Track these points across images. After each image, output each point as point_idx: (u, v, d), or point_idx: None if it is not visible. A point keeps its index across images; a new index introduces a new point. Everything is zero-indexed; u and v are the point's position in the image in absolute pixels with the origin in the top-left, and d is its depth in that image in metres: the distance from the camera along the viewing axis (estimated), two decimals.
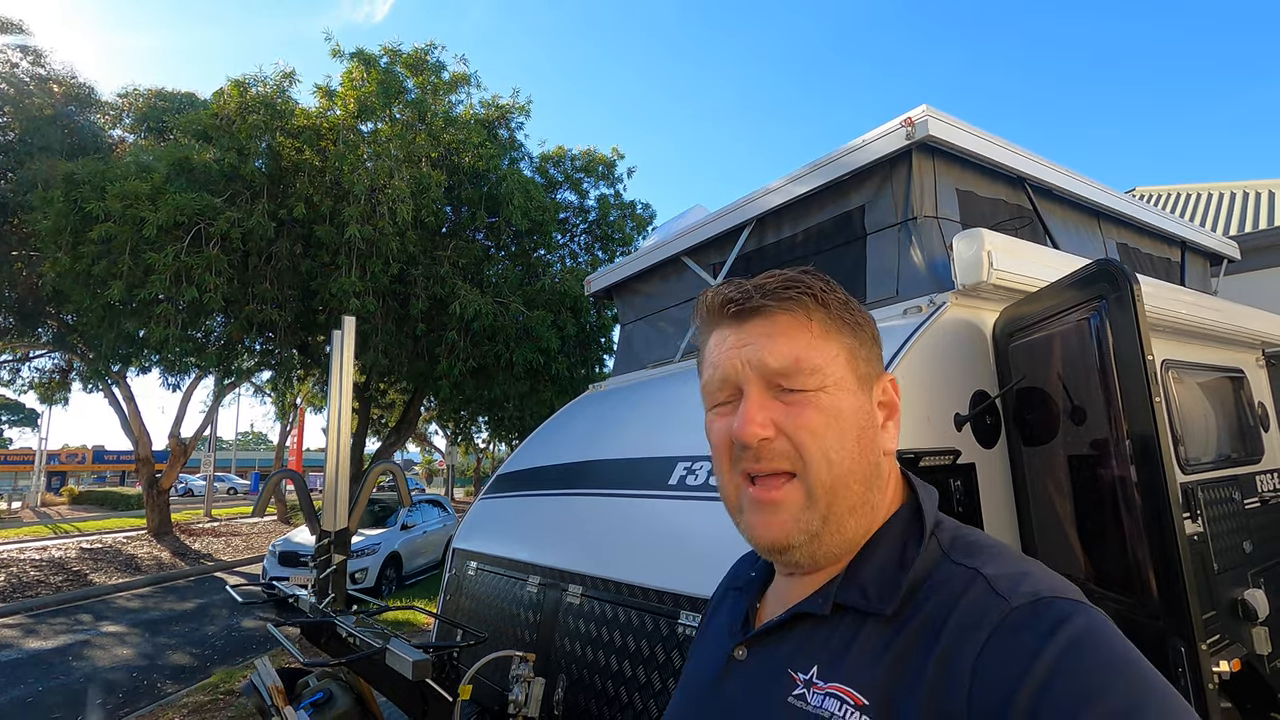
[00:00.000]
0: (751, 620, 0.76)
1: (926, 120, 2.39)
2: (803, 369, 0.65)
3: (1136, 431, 1.67)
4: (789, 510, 0.65)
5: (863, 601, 0.64)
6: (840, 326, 0.69)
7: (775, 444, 0.65)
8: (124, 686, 6.42)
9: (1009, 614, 0.55)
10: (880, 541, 0.69)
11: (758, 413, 0.65)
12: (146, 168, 7.67)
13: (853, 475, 0.65)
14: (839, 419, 0.65)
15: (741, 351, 0.68)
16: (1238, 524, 2.90)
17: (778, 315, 0.68)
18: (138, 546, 14.69)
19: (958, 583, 0.60)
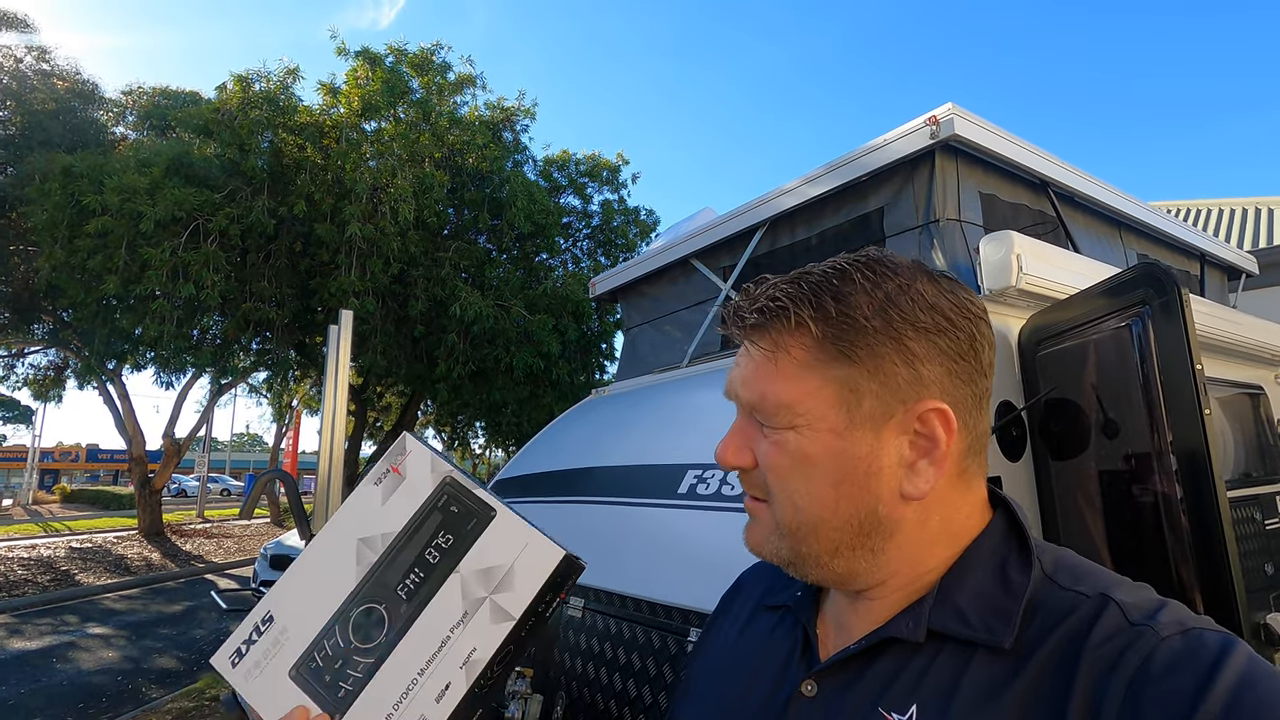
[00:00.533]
0: (814, 647, 0.66)
1: (952, 119, 2.31)
2: (765, 406, 0.60)
3: (1183, 446, 1.57)
4: (761, 527, 0.63)
5: (966, 630, 0.55)
6: (834, 357, 0.57)
7: (754, 474, 0.62)
8: (108, 690, 6.29)
9: (1157, 647, 0.47)
10: (972, 563, 0.59)
11: (733, 439, 0.63)
12: (146, 162, 7.58)
13: (824, 524, 0.58)
14: (805, 464, 0.58)
15: (733, 374, 0.65)
16: (1259, 545, 2.81)
17: (750, 345, 0.62)
18: (128, 547, 14.53)
19: (1085, 611, 0.52)
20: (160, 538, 15.67)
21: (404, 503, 0.74)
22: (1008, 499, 0.63)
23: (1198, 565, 1.53)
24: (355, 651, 0.68)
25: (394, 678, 0.67)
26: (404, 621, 0.69)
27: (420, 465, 0.75)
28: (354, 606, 0.70)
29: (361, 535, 0.73)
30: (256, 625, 0.71)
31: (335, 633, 0.69)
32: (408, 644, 0.68)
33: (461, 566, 0.70)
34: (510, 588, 0.69)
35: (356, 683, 0.67)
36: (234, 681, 0.69)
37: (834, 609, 0.67)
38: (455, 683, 0.66)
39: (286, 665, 0.69)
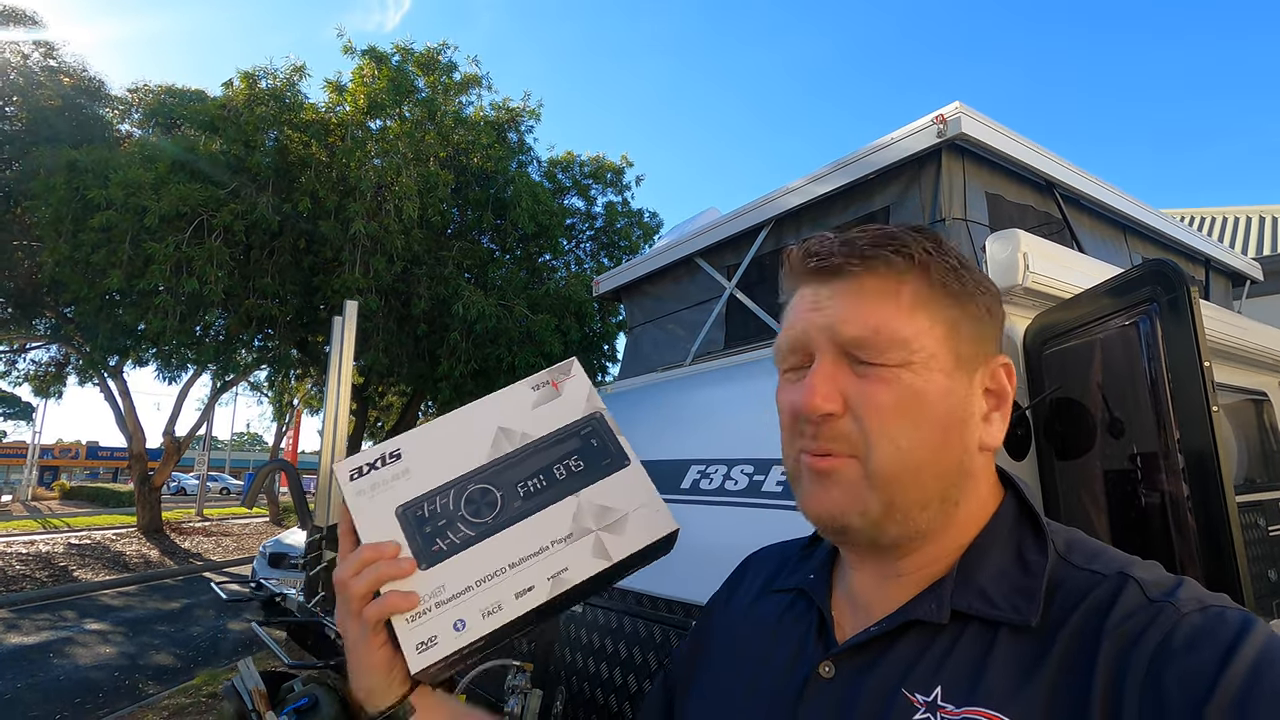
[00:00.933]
0: (830, 629, 0.65)
1: (960, 118, 2.30)
2: (881, 341, 0.56)
3: (1190, 445, 1.56)
4: (843, 485, 0.57)
5: (991, 610, 0.55)
6: (941, 296, 0.59)
7: (839, 423, 0.57)
8: (104, 686, 6.28)
9: (1178, 623, 0.47)
10: (990, 541, 0.59)
11: (824, 383, 0.57)
12: (151, 157, 7.59)
13: (926, 469, 0.56)
14: (919, 402, 0.56)
15: (817, 314, 0.59)
16: (1263, 551, 2.80)
17: (862, 277, 0.58)
18: (126, 544, 14.51)
19: (1104, 588, 0.52)
20: (159, 535, 15.65)
21: (551, 415, 0.76)
22: (1016, 479, 0.63)
23: (1204, 565, 1.52)
24: (461, 520, 0.70)
25: (487, 558, 0.69)
26: (514, 515, 0.71)
27: (577, 391, 0.78)
28: (474, 482, 0.72)
29: (503, 425, 0.75)
30: (384, 455, 0.73)
31: (450, 495, 0.72)
32: (510, 535, 0.70)
33: (583, 494, 0.72)
34: (619, 533, 0.71)
35: (451, 546, 0.69)
36: (345, 493, 0.72)
37: (848, 591, 0.66)
38: (538, 588, 0.68)
39: (397, 501, 0.71)
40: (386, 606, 0.65)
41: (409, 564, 0.67)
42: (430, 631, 0.65)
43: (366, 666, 0.67)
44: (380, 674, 0.67)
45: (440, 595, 0.67)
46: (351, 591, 0.66)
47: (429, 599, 0.66)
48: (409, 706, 0.70)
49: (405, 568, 0.66)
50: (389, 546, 0.67)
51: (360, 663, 0.67)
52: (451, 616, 0.66)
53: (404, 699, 0.69)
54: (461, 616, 0.66)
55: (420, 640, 0.65)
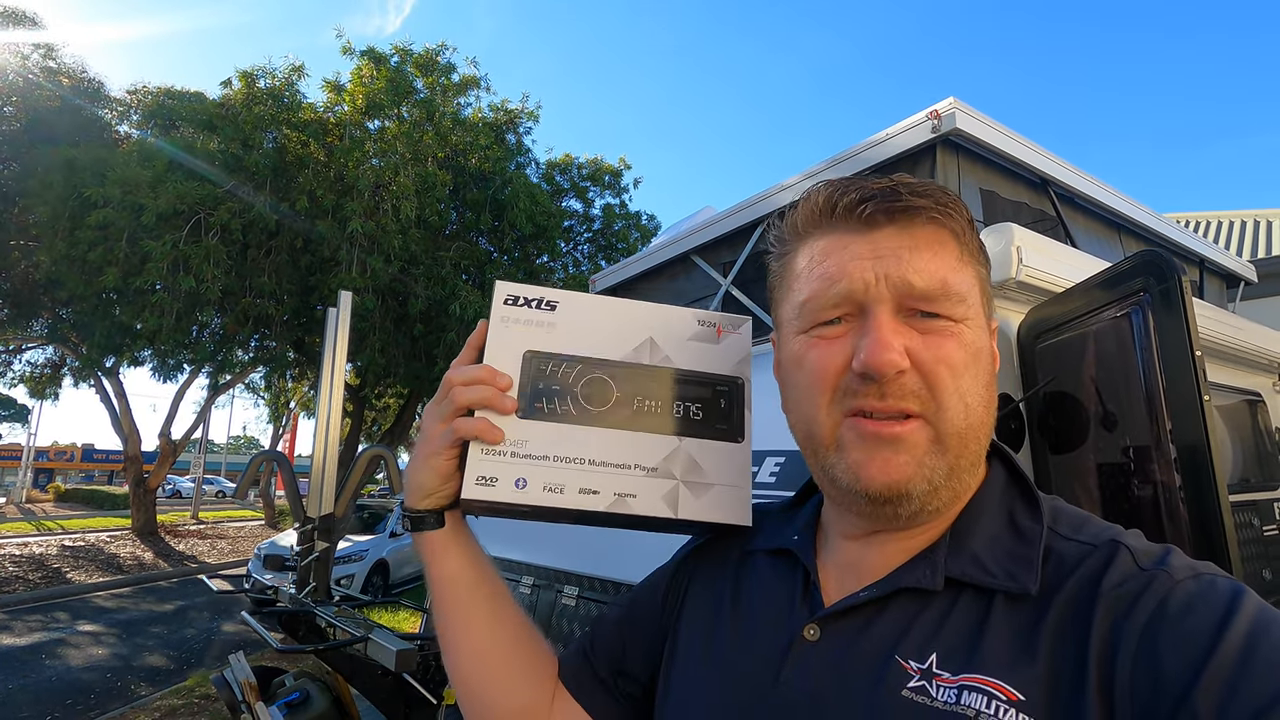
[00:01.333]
0: (816, 591, 0.63)
1: (954, 113, 2.31)
2: (950, 294, 0.55)
3: (1182, 435, 1.56)
4: (913, 450, 0.54)
5: (987, 578, 0.54)
6: (978, 254, 0.60)
7: (907, 379, 0.54)
8: (96, 687, 6.24)
9: (1173, 589, 0.47)
10: (983, 510, 0.59)
11: (894, 338, 0.53)
12: (149, 156, 7.57)
13: (983, 426, 0.57)
14: (978, 359, 0.56)
15: (876, 263, 0.55)
16: (1257, 550, 2.79)
17: (923, 225, 0.56)
18: (120, 546, 14.46)
19: (1097, 557, 0.52)
20: (154, 537, 15.59)
21: (700, 356, 0.74)
22: (1004, 447, 0.63)
23: (1197, 555, 1.52)
24: (572, 396, 0.70)
25: (576, 442, 0.69)
26: (619, 420, 0.70)
27: (735, 350, 0.76)
28: (602, 370, 0.72)
29: (655, 338, 0.74)
30: (544, 299, 0.74)
31: (576, 369, 0.71)
32: (605, 435, 0.70)
33: (686, 441, 0.71)
34: (697, 495, 0.70)
35: (553, 414, 0.70)
36: (494, 312, 0.72)
37: (835, 554, 0.65)
38: (601, 496, 0.68)
39: (530, 345, 0.71)
40: (476, 429, 0.66)
41: (512, 403, 0.68)
42: (496, 472, 0.67)
43: (428, 467, 0.69)
44: (436, 478, 0.69)
45: (520, 448, 0.68)
46: (454, 396, 0.68)
47: (509, 445, 0.68)
48: (441, 518, 0.72)
49: (508, 405, 0.68)
50: (504, 378, 0.68)
51: (424, 461, 0.69)
52: (519, 471, 0.67)
53: (441, 510, 0.72)
54: (526, 477, 0.67)
55: (483, 475, 0.67)
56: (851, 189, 0.58)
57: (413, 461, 0.72)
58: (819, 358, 0.58)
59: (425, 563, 0.75)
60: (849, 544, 0.64)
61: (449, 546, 0.73)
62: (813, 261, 0.60)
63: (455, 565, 0.74)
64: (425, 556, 0.74)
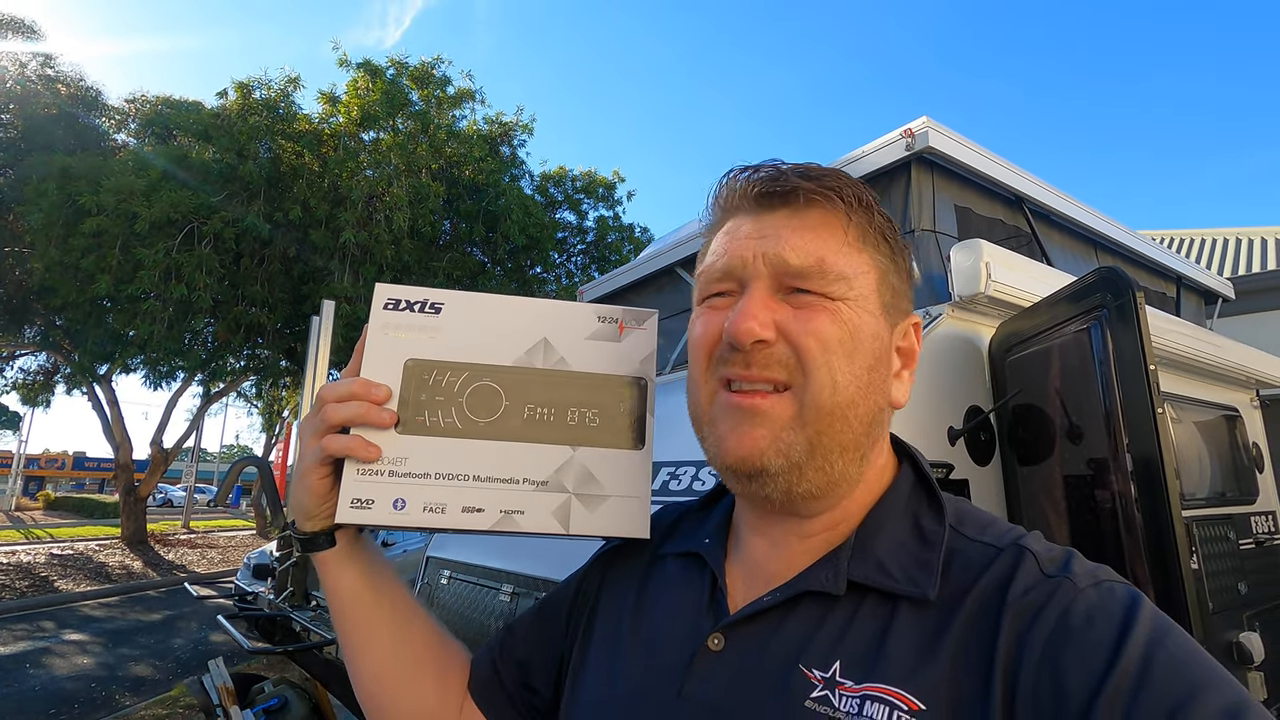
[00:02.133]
0: (722, 598, 0.62)
1: (927, 132, 2.36)
2: (826, 271, 0.56)
3: (1137, 448, 1.60)
4: (771, 424, 0.54)
5: (889, 582, 0.54)
6: (878, 241, 0.60)
7: (773, 350, 0.55)
8: (80, 696, 6.18)
9: (1075, 599, 0.48)
10: (888, 512, 0.59)
11: (760, 310, 0.55)
12: (143, 165, 7.61)
13: (854, 408, 0.55)
14: (855, 338, 0.56)
15: (759, 242, 0.57)
16: (1232, 564, 2.82)
17: (812, 208, 0.58)
18: (110, 555, 14.35)
19: (1002, 562, 0.52)
20: (143, 546, 15.46)
21: (599, 356, 0.69)
22: (912, 449, 0.64)
23: (1151, 565, 1.55)
24: (457, 407, 0.66)
25: (460, 457, 0.65)
26: (507, 431, 0.66)
27: (638, 347, 0.70)
28: (490, 377, 0.67)
29: (549, 337, 0.69)
30: (427, 302, 0.68)
31: (461, 377, 0.67)
32: (492, 448, 0.65)
33: (580, 451, 0.66)
34: (590, 509, 0.66)
35: (434, 427, 0.65)
36: (372, 319, 0.67)
37: (744, 557, 0.64)
38: (486, 515, 0.64)
39: (412, 353, 0.67)
40: (347, 447, 0.62)
41: (389, 417, 0.63)
42: (372, 494, 0.63)
43: (302, 486, 0.65)
44: (312, 498, 0.65)
45: (399, 466, 0.63)
46: (326, 414, 0.64)
47: (387, 462, 0.63)
48: (332, 537, 0.68)
49: (384, 419, 0.63)
50: (380, 390, 0.64)
51: (299, 480, 0.66)
52: (397, 492, 0.63)
53: (328, 530, 0.68)
54: (405, 497, 0.63)
55: (358, 497, 0.62)
56: (751, 173, 0.60)
57: (292, 480, 0.68)
58: (701, 325, 0.60)
59: (321, 580, 0.72)
60: (756, 541, 0.63)
61: (344, 564, 0.70)
62: (714, 242, 0.63)
63: (351, 583, 0.70)
64: (320, 574, 0.71)
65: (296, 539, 0.70)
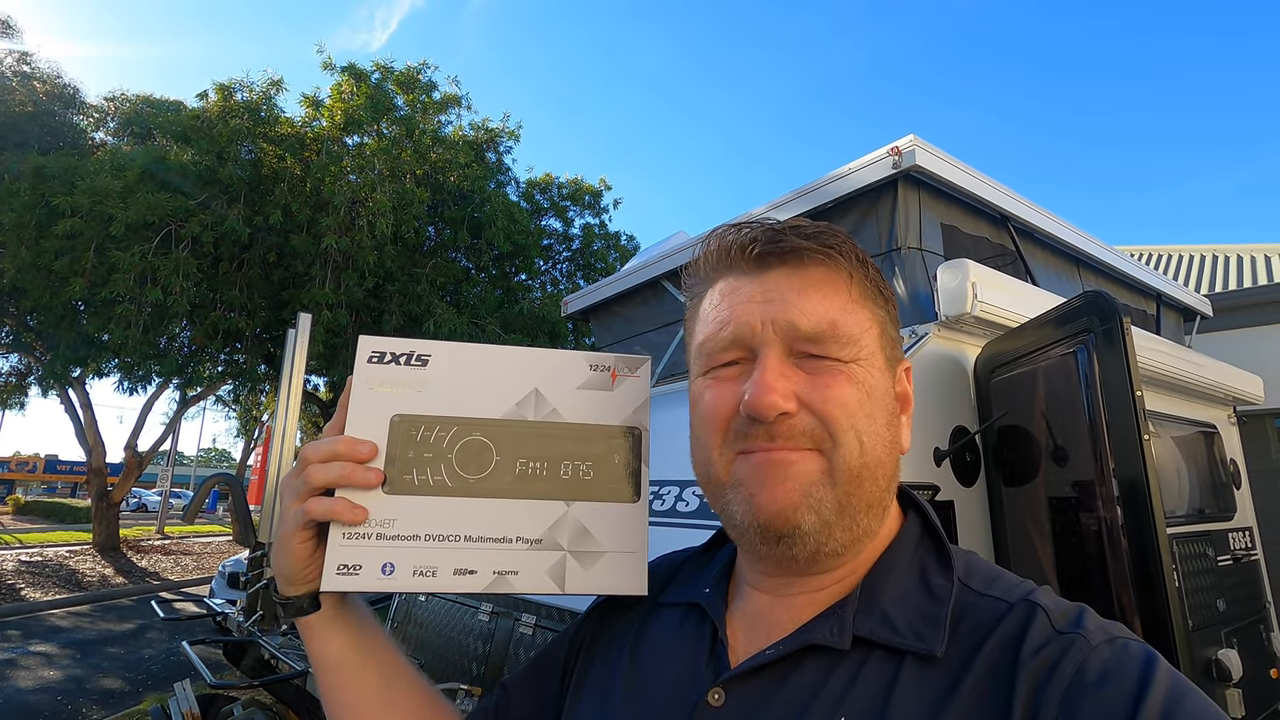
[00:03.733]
0: (723, 650, 0.59)
1: (914, 150, 2.36)
2: (839, 335, 0.55)
3: (1123, 472, 1.60)
4: (801, 479, 0.53)
5: (895, 637, 0.52)
6: (875, 295, 0.59)
7: (796, 421, 0.53)
8: (45, 710, 6.02)
9: (1090, 656, 0.47)
10: (895, 564, 0.58)
11: (779, 381, 0.53)
12: (120, 166, 7.47)
13: (880, 465, 0.55)
14: (872, 398, 0.55)
15: (765, 308, 0.55)
16: (1211, 581, 2.84)
17: (812, 266, 0.56)
18: (81, 561, 14.01)
19: (1013, 618, 0.50)
20: (115, 553, 15.13)
21: (592, 406, 0.67)
22: (918, 498, 0.62)
23: (1137, 590, 1.55)
24: (446, 464, 0.63)
25: (450, 517, 0.62)
26: (499, 488, 0.64)
27: (632, 396, 0.68)
28: (480, 431, 0.65)
29: (540, 388, 0.67)
30: (413, 354, 0.66)
31: (450, 432, 0.64)
32: (484, 506, 0.63)
33: (574, 506, 0.65)
34: (586, 566, 0.64)
35: (424, 486, 0.63)
36: (356, 372, 0.65)
37: (745, 608, 0.62)
38: (479, 576, 0.62)
39: (398, 408, 0.64)
40: (331, 511, 0.60)
41: (375, 476, 0.61)
42: (359, 559, 0.60)
43: (284, 551, 0.63)
44: (294, 563, 0.63)
45: (386, 528, 0.61)
46: (309, 475, 0.61)
47: (374, 524, 0.61)
48: (316, 601, 0.66)
49: (370, 479, 0.61)
50: (365, 448, 0.61)
51: (280, 545, 0.63)
52: (385, 555, 0.60)
53: (312, 594, 0.65)
54: (394, 561, 0.60)
55: (344, 563, 0.60)
56: (745, 232, 0.59)
57: (274, 544, 0.65)
58: (712, 399, 0.58)
59: (305, 644, 0.69)
60: (759, 595, 0.61)
61: (328, 629, 0.67)
62: (711, 304, 0.60)
63: (337, 648, 0.68)
64: (304, 638, 0.68)
65: (278, 603, 0.67)
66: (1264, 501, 3.81)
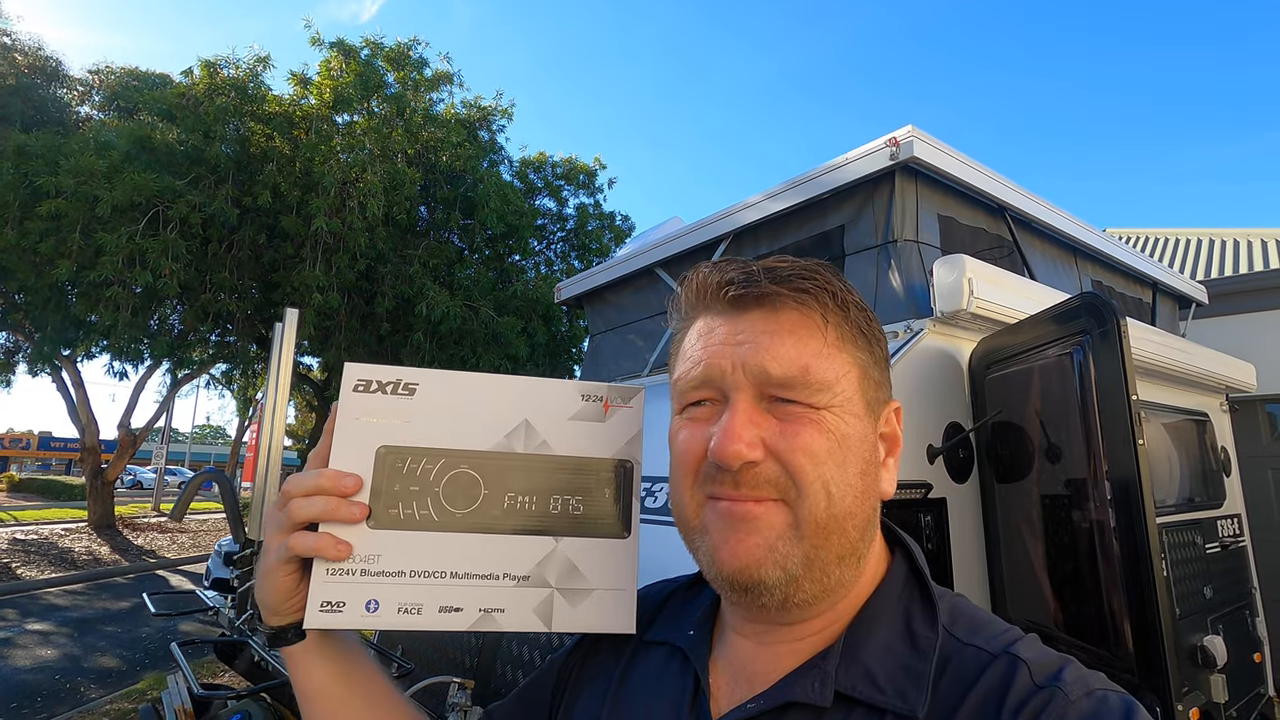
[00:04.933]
0: (705, 699, 0.59)
1: (912, 141, 2.32)
2: (810, 381, 0.53)
3: (1116, 474, 1.59)
4: (766, 532, 0.52)
5: (878, 696, 0.51)
6: (856, 337, 0.57)
7: (762, 469, 0.53)
8: (44, 689, 6.06)
9: (1067, 710, 0.46)
10: (879, 611, 0.57)
11: (745, 429, 0.52)
12: (105, 144, 7.32)
13: (851, 518, 0.54)
14: (844, 446, 0.54)
15: (736, 350, 0.55)
16: (1199, 569, 2.87)
17: (786, 310, 0.55)
18: (76, 540, 14.05)
19: (994, 673, 0.50)
20: (111, 531, 15.17)
21: (583, 438, 0.66)
22: (905, 538, 0.61)
23: (1127, 594, 1.55)
24: (433, 498, 0.62)
25: (436, 552, 0.61)
26: (486, 523, 0.63)
27: (625, 427, 0.67)
28: (468, 464, 0.64)
29: (530, 419, 0.65)
30: (400, 382, 0.64)
31: (438, 465, 0.63)
32: (471, 542, 0.62)
33: (563, 542, 0.64)
34: (573, 604, 0.63)
35: (409, 520, 0.61)
36: (341, 402, 0.63)
37: (728, 655, 0.62)
38: (465, 614, 0.61)
39: (384, 439, 0.63)
40: (315, 547, 0.59)
41: (360, 510, 0.60)
42: (342, 596, 0.59)
43: (267, 584, 0.62)
44: (280, 596, 0.62)
45: (371, 564, 0.60)
46: (291, 510, 0.60)
47: (359, 560, 0.60)
48: (301, 631, 0.65)
49: (355, 514, 0.60)
50: (350, 482, 0.60)
51: (263, 578, 0.62)
52: (370, 592, 0.60)
53: (295, 625, 0.65)
54: (379, 598, 0.60)
55: (328, 600, 0.59)
56: (722, 272, 0.58)
57: (257, 576, 0.65)
58: (684, 440, 0.57)
59: (289, 673, 0.68)
60: (742, 641, 0.61)
61: (312, 659, 0.66)
62: (689, 342, 0.60)
63: (321, 678, 0.67)
64: (288, 668, 0.68)
65: (263, 633, 0.67)
66: (1253, 488, 3.85)
